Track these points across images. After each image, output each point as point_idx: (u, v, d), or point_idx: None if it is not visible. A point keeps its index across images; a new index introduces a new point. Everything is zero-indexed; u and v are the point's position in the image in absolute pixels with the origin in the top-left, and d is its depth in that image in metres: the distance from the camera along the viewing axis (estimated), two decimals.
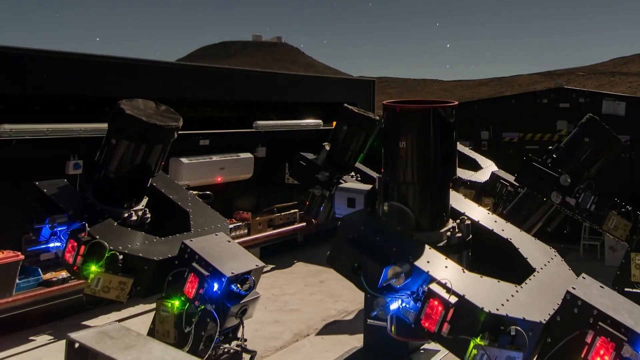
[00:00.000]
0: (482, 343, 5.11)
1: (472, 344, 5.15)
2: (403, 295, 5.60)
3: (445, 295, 5.28)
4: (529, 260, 6.37)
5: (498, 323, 5.22)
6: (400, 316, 5.70)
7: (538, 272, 6.20)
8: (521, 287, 5.78)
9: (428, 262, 5.69)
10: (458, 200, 6.91)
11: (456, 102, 6.32)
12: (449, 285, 5.35)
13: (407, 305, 5.60)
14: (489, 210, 12.18)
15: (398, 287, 5.59)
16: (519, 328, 5.14)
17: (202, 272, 6.45)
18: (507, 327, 5.18)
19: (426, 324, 5.33)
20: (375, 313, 5.64)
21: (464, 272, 5.71)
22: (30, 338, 11.65)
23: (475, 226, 6.60)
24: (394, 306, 5.60)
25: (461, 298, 5.30)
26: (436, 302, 5.27)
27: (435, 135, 6.06)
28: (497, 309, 5.26)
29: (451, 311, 5.22)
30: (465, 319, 5.25)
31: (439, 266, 5.68)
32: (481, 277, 5.69)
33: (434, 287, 5.38)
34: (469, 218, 6.50)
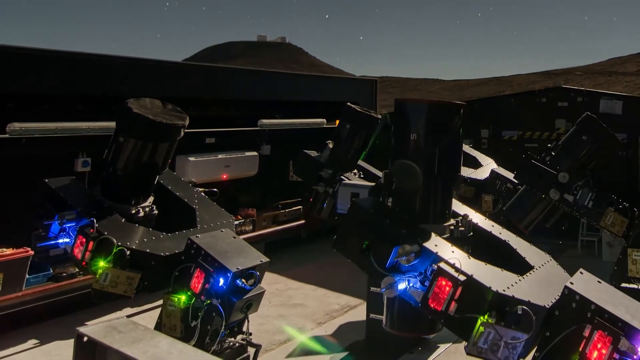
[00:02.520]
0: (490, 321, 5.14)
1: (479, 322, 5.18)
2: (410, 276, 5.64)
3: (455, 274, 5.31)
4: (526, 259, 6.40)
5: (504, 304, 5.26)
6: (406, 297, 5.72)
7: (536, 269, 6.22)
8: (522, 278, 5.81)
9: (436, 245, 5.74)
10: (457, 205, 6.95)
11: (464, 103, 6.39)
12: (457, 265, 5.39)
13: (414, 286, 5.63)
14: (489, 207, 12.29)
15: (406, 266, 5.64)
16: (525, 307, 5.16)
17: (208, 268, 6.45)
18: (512, 307, 5.20)
19: (433, 304, 5.35)
20: (384, 290, 5.66)
21: (469, 258, 5.75)
22: (40, 332, 11.68)
23: (474, 227, 6.63)
24: (401, 286, 5.63)
25: (469, 277, 5.34)
26: (444, 282, 5.32)
27: (444, 129, 6.14)
28: (504, 290, 5.30)
29: (459, 289, 5.26)
30: (473, 297, 5.29)
31: (446, 250, 5.74)
32: (485, 264, 5.73)
33: (443, 265, 5.42)
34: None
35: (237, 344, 6.88)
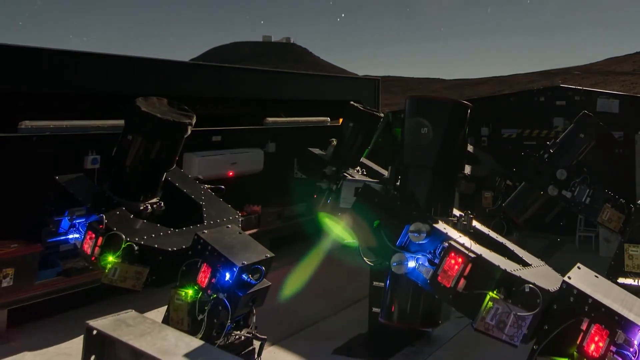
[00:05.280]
0: (498, 297, 5.18)
1: (488, 297, 5.21)
2: (419, 255, 5.66)
3: (465, 250, 5.35)
4: (524, 259, 6.42)
5: (511, 283, 5.29)
6: (413, 276, 5.74)
7: (534, 267, 6.24)
8: (524, 268, 5.84)
9: (444, 228, 5.76)
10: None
11: (470, 104, 6.43)
12: (467, 244, 5.44)
13: (423, 264, 5.66)
14: (488, 203, 12.30)
15: (415, 246, 5.67)
16: (532, 286, 5.20)
17: (214, 262, 6.46)
18: (519, 287, 5.24)
19: (443, 281, 5.37)
20: (395, 265, 5.68)
21: (475, 243, 5.77)
22: (51, 326, 11.70)
23: (474, 228, 6.65)
24: (410, 264, 5.66)
25: (479, 255, 5.40)
26: (453, 261, 5.36)
27: (455, 126, 6.20)
28: (512, 271, 5.34)
29: (469, 266, 5.28)
30: (482, 275, 5.34)
31: (454, 233, 5.76)
32: (490, 251, 5.76)
33: (454, 242, 5.45)
34: None
35: (242, 337, 6.88)
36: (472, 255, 5.35)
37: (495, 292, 5.25)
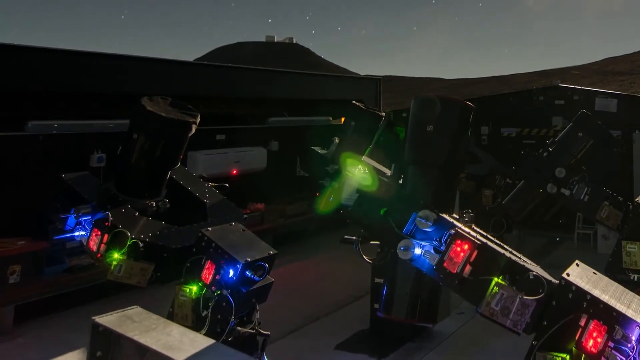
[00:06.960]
0: (503, 283, 5.21)
1: (493, 282, 5.24)
2: (425, 243, 5.69)
3: (471, 237, 5.39)
4: (523, 258, 6.44)
5: (515, 271, 5.32)
6: (419, 264, 5.76)
7: (532, 265, 6.27)
8: (524, 262, 5.87)
9: (450, 219, 5.80)
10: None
11: (473, 106, 6.46)
12: (473, 234, 5.48)
13: (429, 251, 5.68)
14: (488, 201, 12.30)
15: (421, 235, 5.70)
16: (536, 273, 5.22)
17: (218, 259, 6.46)
18: (524, 275, 5.27)
19: (449, 267, 5.40)
20: (402, 249, 5.69)
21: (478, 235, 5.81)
22: (57, 322, 11.71)
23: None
24: (417, 251, 5.68)
25: (485, 243, 5.49)
26: (458, 248, 5.42)
27: (460, 126, 6.24)
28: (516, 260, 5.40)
29: (475, 253, 5.32)
30: (487, 262, 5.39)
31: (459, 223, 5.79)
32: (492, 244, 5.80)
33: (460, 230, 5.48)
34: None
35: (246, 333, 6.88)
36: (479, 242, 5.39)
37: (500, 277, 5.29)
